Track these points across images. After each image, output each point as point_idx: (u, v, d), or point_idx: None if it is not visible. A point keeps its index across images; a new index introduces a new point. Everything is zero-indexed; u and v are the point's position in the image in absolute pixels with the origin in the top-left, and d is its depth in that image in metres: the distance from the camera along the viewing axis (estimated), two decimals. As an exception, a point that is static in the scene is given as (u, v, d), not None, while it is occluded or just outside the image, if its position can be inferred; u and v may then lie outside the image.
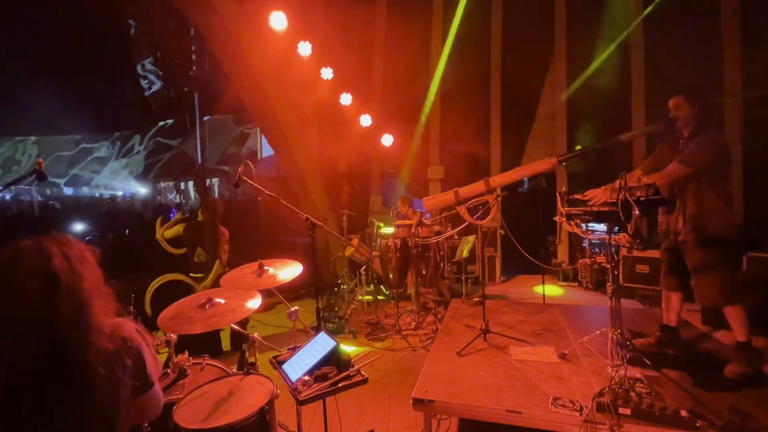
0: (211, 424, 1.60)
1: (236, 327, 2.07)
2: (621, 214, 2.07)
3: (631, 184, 2.24)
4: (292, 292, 5.83)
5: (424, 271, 4.74)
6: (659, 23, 5.69)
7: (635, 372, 2.44)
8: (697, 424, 1.89)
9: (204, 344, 2.87)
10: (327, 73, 5.57)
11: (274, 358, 1.93)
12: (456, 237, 5.65)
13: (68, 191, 19.17)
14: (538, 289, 5.61)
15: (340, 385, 1.64)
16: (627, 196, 1.99)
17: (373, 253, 4.93)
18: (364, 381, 1.68)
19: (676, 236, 2.48)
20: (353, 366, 1.72)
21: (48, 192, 18.93)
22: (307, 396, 1.58)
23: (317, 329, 4.45)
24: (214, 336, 3.72)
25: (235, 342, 3.85)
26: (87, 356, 1.02)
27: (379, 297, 5.00)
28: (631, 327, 3.24)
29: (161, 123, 16.71)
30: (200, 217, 3.68)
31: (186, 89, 12.27)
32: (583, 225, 2.49)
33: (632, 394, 2.11)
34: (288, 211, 2.56)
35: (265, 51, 4.99)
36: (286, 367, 1.77)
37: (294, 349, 1.91)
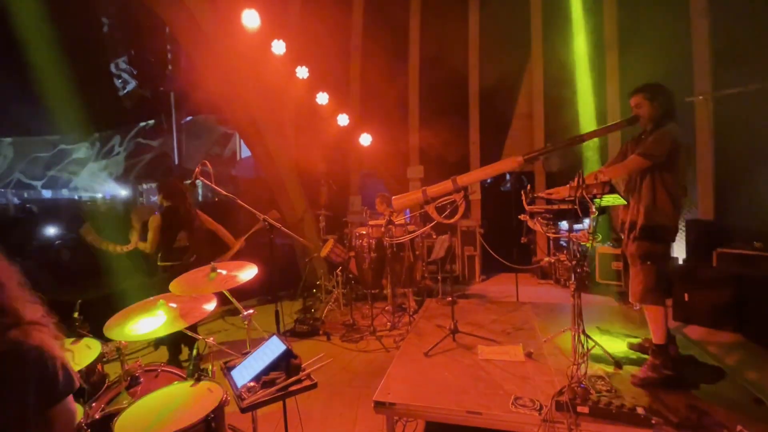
0: (151, 434, 1.54)
1: (188, 332, 2.01)
2: (579, 211, 2.06)
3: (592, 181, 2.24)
4: (270, 293, 5.76)
5: (399, 271, 4.70)
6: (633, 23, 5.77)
7: (598, 370, 2.44)
8: (653, 421, 1.89)
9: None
10: (302, 72, 5.50)
11: (225, 363, 1.88)
12: (433, 236, 5.67)
13: (46, 194, 18.67)
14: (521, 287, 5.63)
15: (288, 390, 1.59)
16: (584, 193, 1.99)
17: (350, 254, 4.88)
18: (313, 386, 1.63)
19: (624, 232, 2.50)
20: (303, 370, 1.67)
21: (25, 195, 18.42)
22: (249, 403, 1.53)
23: (294, 332, 4.37)
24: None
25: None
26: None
27: (347, 297, 4.95)
28: (622, 326, 3.23)
29: (142, 123, 16.39)
30: (164, 203, 3.52)
31: (161, 88, 12.05)
32: (555, 224, 2.48)
33: (591, 392, 2.10)
34: (247, 212, 2.49)
35: (238, 50, 4.90)
36: (234, 372, 1.72)
37: (246, 354, 1.85)
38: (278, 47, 5.07)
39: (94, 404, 1.90)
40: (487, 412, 2.07)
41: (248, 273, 2.06)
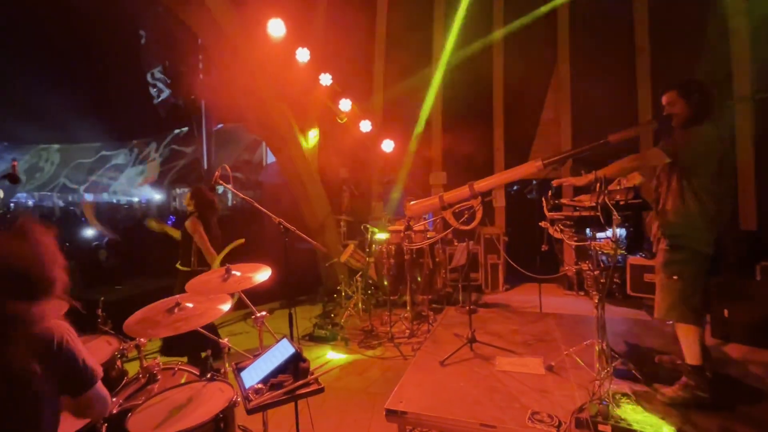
0: (161, 431, 1.57)
1: (203, 331, 2.04)
2: (602, 218, 1.97)
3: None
4: (289, 297, 5.81)
5: (419, 278, 4.65)
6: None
7: (624, 386, 2.31)
8: (681, 444, 1.77)
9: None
10: (326, 79, 5.58)
11: (236, 364, 1.89)
12: (455, 243, 5.58)
13: (88, 197, 19.75)
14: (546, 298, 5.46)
15: (295, 393, 1.58)
16: (606, 199, 1.89)
17: (369, 260, 4.87)
18: (320, 390, 1.62)
19: (654, 241, 2.34)
20: (311, 374, 1.66)
21: (69, 198, 19.56)
22: (255, 405, 1.53)
23: (313, 337, 4.38)
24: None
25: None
26: (17, 350, 1.05)
27: (366, 303, 4.93)
28: (652, 343, 3.06)
29: (176, 131, 17.11)
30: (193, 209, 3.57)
31: (193, 97, 12.55)
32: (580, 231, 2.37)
33: (615, 409, 1.99)
34: (267, 217, 2.53)
35: (263, 58, 5.03)
36: (244, 374, 1.73)
37: (257, 356, 1.86)
38: (302, 55, 5.16)
39: (113, 399, 1.96)
40: (502, 426, 2.00)
41: (262, 275, 2.08)
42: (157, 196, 17.40)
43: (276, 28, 4.86)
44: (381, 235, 4.71)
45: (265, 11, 4.84)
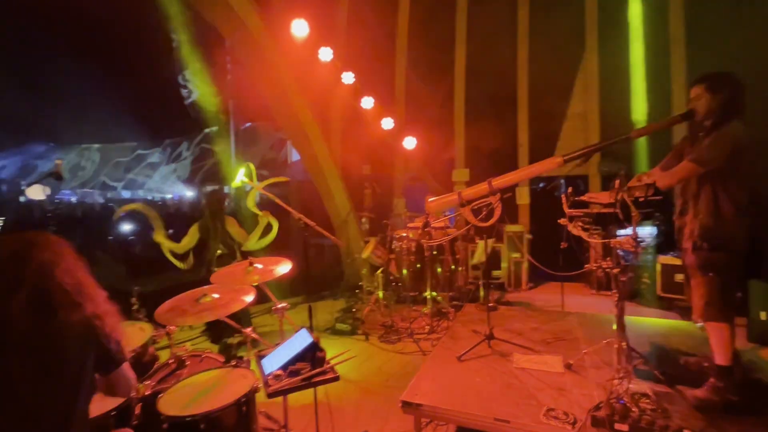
0: (188, 411, 1.68)
1: (227, 320, 2.15)
2: (620, 215, 1.94)
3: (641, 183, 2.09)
4: (314, 293, 5.97)
5: (439, 275, 4.67)
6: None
7: (644, 387, 2.26)
8: (702, 446, 1.73)
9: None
10: (348, 78, 5.65)
11: (258, 352, 1.99)
12: (476, 240, 5.55)
13: (126, 194, 20.79)
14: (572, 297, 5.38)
15: (312, 381, 1.66)
16: (625, 196, 1.86)
17: (390, 256, 4.92)
18: (336, 378, 1.69)
19: (683, 240, 2.27)
20: (328, 363, 1.73)
21: (108, 195, 20.65)
22: (274, 390, 1.62)
23: (334, 330, 4.50)
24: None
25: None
26: (66, 325, 1.20)
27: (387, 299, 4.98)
28: (679, 344, 2.98)
29: (206, 130, 17.72)
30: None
31: (221, 98, 13.02)
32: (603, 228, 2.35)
33: (633, 409, 1.96)
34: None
35: (287, 57, 5.16)
36: (264, 361, 1.82)
37: (277, 345, 1.95)
38: (325, 54, 5.26)
39: (146, 382, 2.10)
40: (516, 421, 2.01)
41: (283, 268, 2.17)
42: (188, 193, 18.10)
43: (299, 28, 4.97)
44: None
45: (289, 11, 4.96)
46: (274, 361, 1.78)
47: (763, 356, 3.70)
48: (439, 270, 4.69)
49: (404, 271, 4.64)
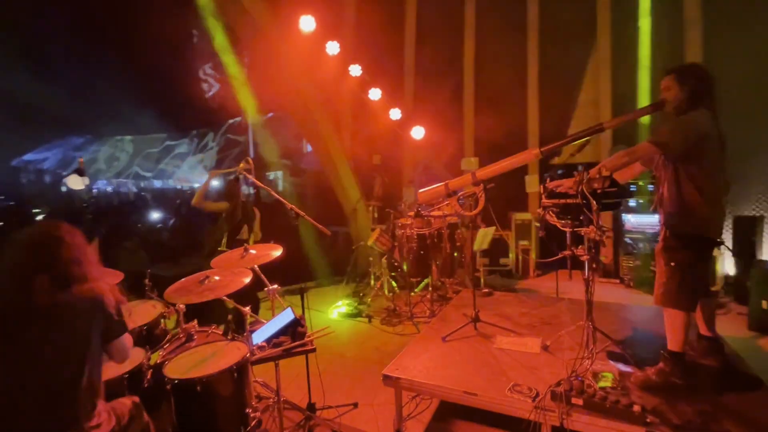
0: (188, 375, 1.96)
1: (227, 299, 2.42)
2: (583, 206, 2.06)
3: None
4: (326, 277, 6.28)
5: (438, 262, 4.84)
6: None
7: (612, 367, 2.39)
8: (648, 420, 1.87)
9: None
10: (356, 70, 5.80)
11: (251, 327, 2.25)
12: (481, 226, 5.66)
13: (157, 184, 21.81)
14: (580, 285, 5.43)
15: (291, 351, 1.90)
16: (584, 188, 1.98)
17: (394, 243, 5.12)
18: (312, 350, 1.92)
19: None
20: (308, 337, 1.96)
21: (142, 185, 21.74)
22: (257, 358, 1.87)
23: (340, 313, 4.74)
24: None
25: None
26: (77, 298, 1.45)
27: (393, 284, 5.19)
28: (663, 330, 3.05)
29: (231, 120, 18.29)
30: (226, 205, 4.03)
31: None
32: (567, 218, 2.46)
33: (593, 385, 2.11)
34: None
35: (296, 51, 5.34)
36: (255, 335, 2.07)
37: (267, 322, 2.20)
38: (332, 48, 5.42)
39: (159, 352, 2.41)
40: (483, 394, 2.19)
41: (275, 253, 2.41)
42: (215, 183, 18.80)
43: (307, 23, 5.15)
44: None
45: (299, 3, 5.13)
46: (262, 335, 2.04)
47: (763, 346, 3.71)
48: (438, 261, 4.85)
49: (403, 259, 4.83)
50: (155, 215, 10.16)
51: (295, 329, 1.96)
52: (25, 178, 19.96)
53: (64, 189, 17.48)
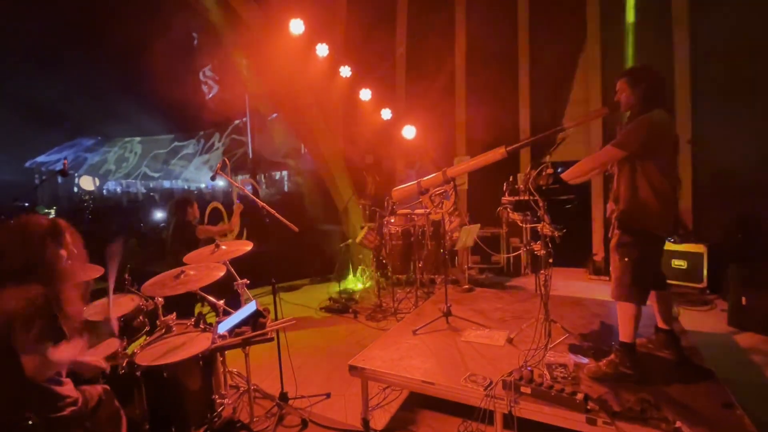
0: (155, 362, 2.09)
1: (201, 293, 2.55)
2: (532, 203, 2.14)
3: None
4: (319, 274, 6.42)
5: (421, 259, 4.93)
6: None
7: (567, 359, 2.47)
8: (588, 407, 1.94)
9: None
10: (345, 71, 5.91)
11: (218, 318, 2.38)
12: (467, 224, 5.74)
13: (166, 184, 22.23)
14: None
15: (250, 341, 2.02)
16: (530, 186, 2.06)
17: (381, 241, 5.22)
18: (269, 339, 2.04)
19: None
20: (266, 327, 2.08)
21: (150, 185, 22.17)
22: (216, 346, 1.99)
23: (328, 309, 4.85)
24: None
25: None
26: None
27: (381, 281, 5.29)
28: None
29: (236, 121, 18.55)
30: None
31: (238, 92, 13.68)
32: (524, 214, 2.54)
33: (545, 375, 2.20)
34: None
35: (287, 53, 5.46)
36: (220, 326, 2.20)
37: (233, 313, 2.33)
38: (322, 50, 5.54)
39: (140, 341, 2.55)
40: (439, 383, 2.28)
41: (244, 249, 2.54)
42: (220, 183, 19.14)
43: (296, 26, 5.27)
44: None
45: (288, 7, 5.26)
46: (226, 325, 2.16)
47: (738, 341, 3.73)
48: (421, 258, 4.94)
49: (385, 255, 4.95)
50: (159, 215, 10.41)
51: (256, 320, 2.08)
52: (38, 179, 20.56)
53: (75, 189, 18.00)
